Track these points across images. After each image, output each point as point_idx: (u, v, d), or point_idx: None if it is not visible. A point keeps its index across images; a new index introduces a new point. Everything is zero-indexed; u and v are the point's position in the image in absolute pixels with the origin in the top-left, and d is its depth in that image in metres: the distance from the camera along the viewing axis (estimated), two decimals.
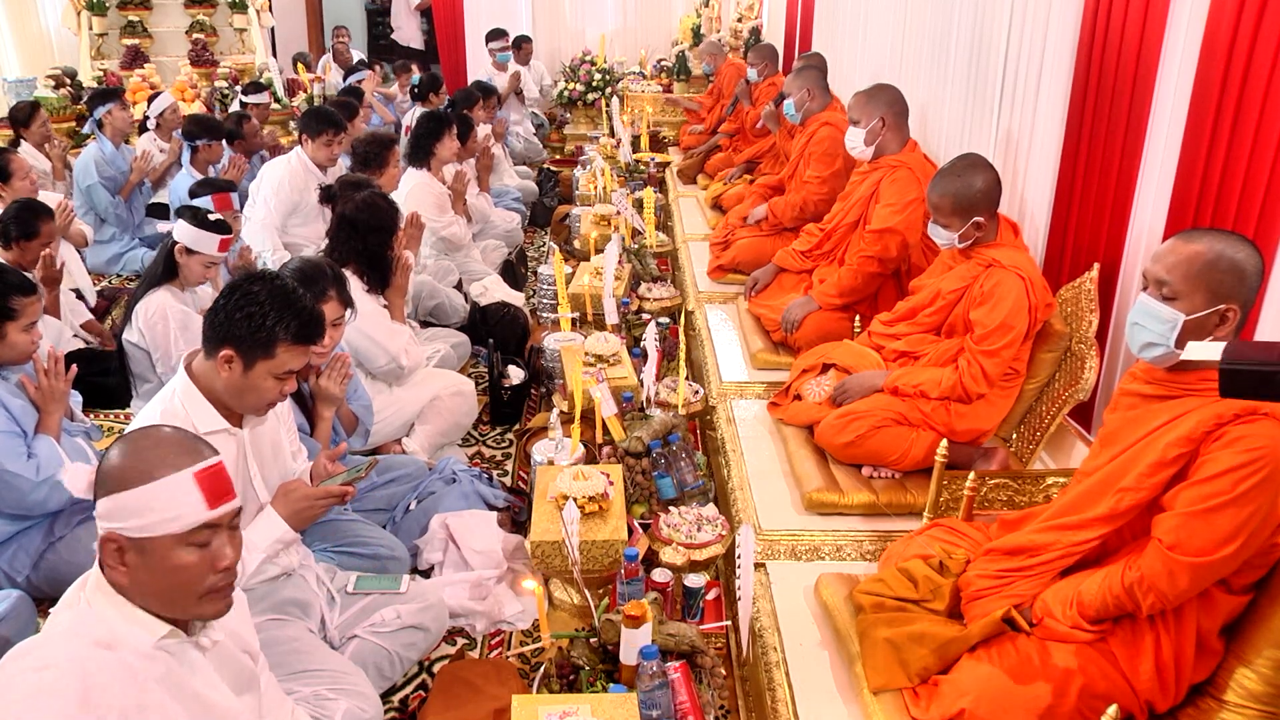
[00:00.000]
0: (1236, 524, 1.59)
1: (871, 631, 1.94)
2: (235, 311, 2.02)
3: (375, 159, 4.36)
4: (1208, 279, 1.70)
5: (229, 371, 2.03)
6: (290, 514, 2.16)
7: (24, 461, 2.51)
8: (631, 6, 9.72)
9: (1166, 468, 1.70)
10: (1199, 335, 1.71)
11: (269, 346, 2.02)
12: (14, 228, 3.62)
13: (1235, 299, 1.70)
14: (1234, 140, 2.09)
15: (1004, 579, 1.90)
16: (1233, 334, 1.73)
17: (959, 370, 2.62)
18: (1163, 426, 1.74)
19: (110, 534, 1.41)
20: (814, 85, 4.29)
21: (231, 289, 2.07)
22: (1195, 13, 2.21)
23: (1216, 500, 1.61)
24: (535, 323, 4.51)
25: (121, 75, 8.09)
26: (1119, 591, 1.70)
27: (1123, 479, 1.77)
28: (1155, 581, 1.66)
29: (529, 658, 2.54)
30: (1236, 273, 1.69)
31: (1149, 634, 1.72)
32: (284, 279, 2.14)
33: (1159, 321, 1.75)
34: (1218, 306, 1.70)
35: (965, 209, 2.63)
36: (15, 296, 2.64)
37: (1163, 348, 1.75)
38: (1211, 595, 1.69)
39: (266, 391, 2.07)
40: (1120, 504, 1.76)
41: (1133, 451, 1.78)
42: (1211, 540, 1.61)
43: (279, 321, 2.02)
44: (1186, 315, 1.72)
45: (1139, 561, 1.69)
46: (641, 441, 2.65)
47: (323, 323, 2.17)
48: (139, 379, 3.42)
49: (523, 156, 7.79)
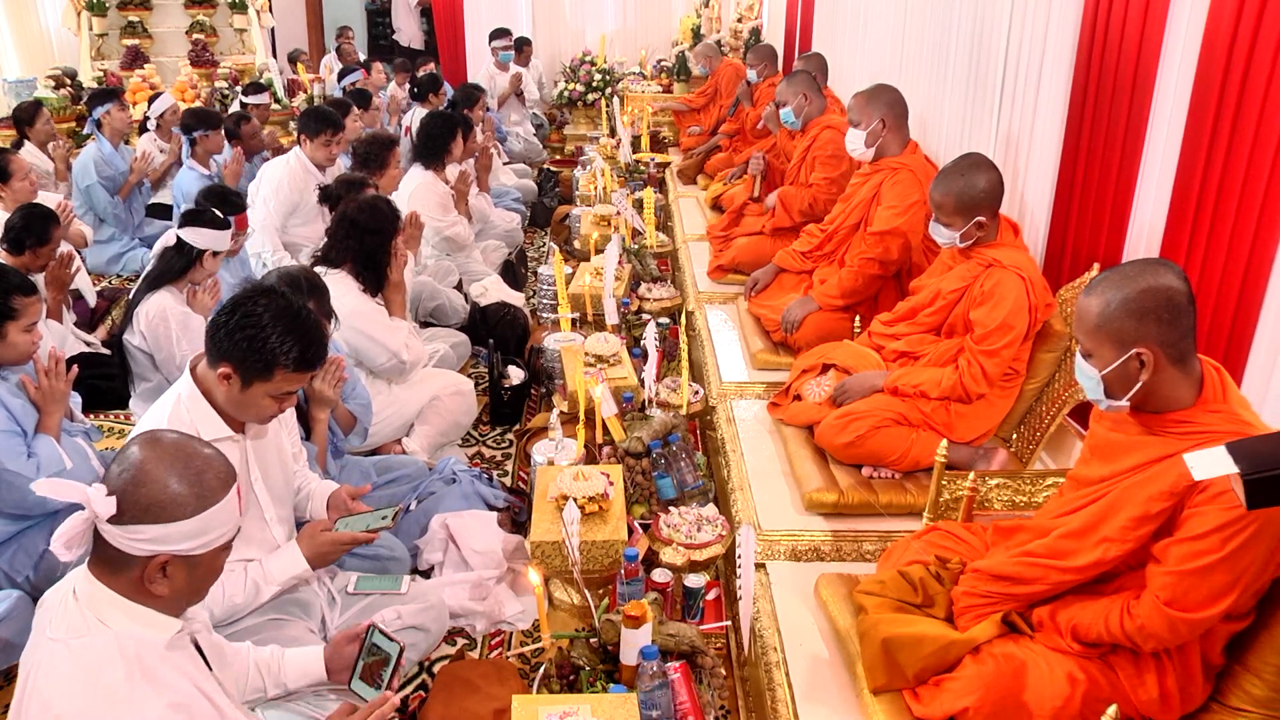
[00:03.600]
0: (1231, 579, 1.56)
1: (872, 632, 1.94)
2: (236, 331, 1.99)
3: (375, 159, 4.36)
4: (1106, 332, 1.68)
5: (227, 387, 2.03)
6: (313, 554, 2.19)
7: (24, 461, 2.50)
8: (631, 6, 9.72)
9: (1151, 521, 1.65)
10: (1125, 384, 1.68)
11: (268, 370, 2.01)
12: (28, 235, 3.62)
13: (1144, 340, 1.64)
14: (1234, 140, 2.09)
15: (990, 599, 1.87)
16: (1174, 366, 1.65)
17: (959, 370, 2.62)
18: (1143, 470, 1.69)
19: (162, 556, 1.42)
20: (808, 89, 4.29)
21: (235, 305, 2.03)
22: (1195, 13, 2.21)
23: (1208, 559, 1.56)
24: (535, 323, 4.51)
25: (121, 75, 8.09)
26: (1118, 635, 1.67)
27: (1105, 527, 1.72)
28: (1155, 630, 1.62)
29: (529, 658, 2.54)
30: (1134, 315, 1.64)
31: (1153, 663, 1.70)
32: (290, 297, 2.10)
33: (1086, 378, 1.75)
34: (1128, 354, 1.66)
35: (967, 208, 2.63)
36: (16, 296, 2.64)
37: (1103, 402, 1.75)
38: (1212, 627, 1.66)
39: (264, 409, 2.07)
40: (1107, 554, 1.71)
41: (1116, 495, 1.73)
42: (1208, 595, 1.57)
43: (279, 346, 1.99)
44: (1101, 371, 1.70)
45: (1138, 610, 1.65)
46: (641, 442, 2.66)
47: (324, 348, 2.13)
48: (138, 378, 3.42)
49: (523, 157, 7.78)
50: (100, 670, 1.39)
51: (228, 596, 2.08)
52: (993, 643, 1.82)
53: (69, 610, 1.44)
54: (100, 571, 1.45)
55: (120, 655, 1.40)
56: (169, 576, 1.45)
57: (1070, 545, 1.78)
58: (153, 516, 1.40)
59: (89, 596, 1.44)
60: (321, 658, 1.96)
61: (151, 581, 1.44)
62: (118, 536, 1.40)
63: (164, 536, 1.41)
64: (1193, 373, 1.68)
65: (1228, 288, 2.14)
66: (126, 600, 1.45)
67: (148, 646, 1.44)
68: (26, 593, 2.45)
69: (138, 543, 1.40)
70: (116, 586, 1.45)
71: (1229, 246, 2.13)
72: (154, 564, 1.43)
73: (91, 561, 1.46)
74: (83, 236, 4.95)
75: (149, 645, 1.44)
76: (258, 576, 2.12)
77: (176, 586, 1.47)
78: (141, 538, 1.40)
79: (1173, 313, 1.63)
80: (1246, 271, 2.09)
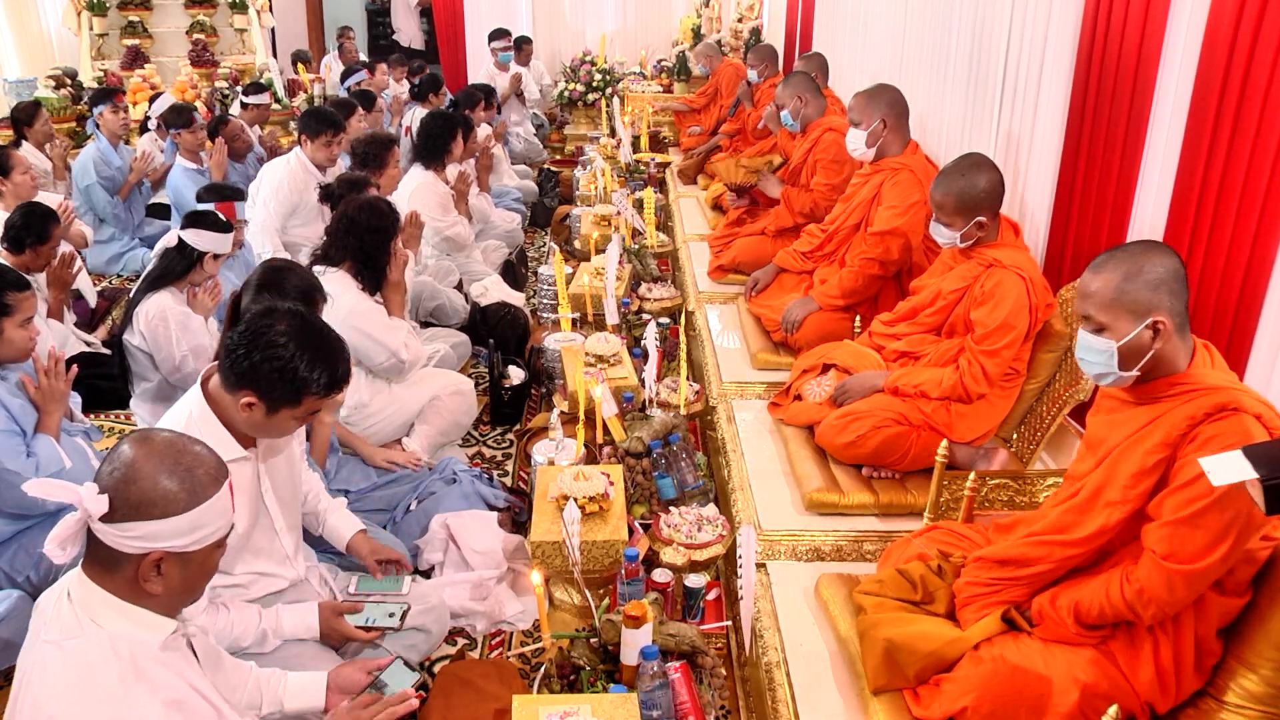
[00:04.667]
0: (1223, 524, 1.60)
1: (872, 632, 1.94)
2: (263, 363, 1.90)
3: (374, 159, 4.35)
4: (1124, 303, 1.74)
5: (249, 413, 1.96)
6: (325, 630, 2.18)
7: (23, 460, 2.50)
8: (631, 6, 9.73)
9: (1148, 475, 1.71)
10: (1138, 354, 1.75)
11: (296, 398, 1.96)
12: (28, 233, 3.62)
13: (1159, 309, 1.72)
14: (1234, 140, 2.09)
15: (994, 587, 1.90)
16: (1177, 335, 1.73)
17: (959, 370, 2.62)
18: (1141, 432, 1.75)
19: (155, 553, 1.42)
20: (805, 91, 4.28)
21: (254, 331, 1.94)
22: (1195, 13, 2.21)
23: (1200, 504, 1.61)
24: (535, 323, 4.51)
25: (122, 75, 8.08)
26: (1119, 604, 1.70)
27: (1108, 491, 1.77)
28: (1155, 593, 1.66)
29: (529, 658, 2.54)
30: (1150, 286, 1.73)
31: (1148, 640, 1.72)
32: (307, 316, 2.03)
33: (1098, 353, 1.79)
34: (1145, 323, 1.73)
35: (968, 208, 2.63)
36: (10, 292, 2.63)
37: (1112, 375, 1.79)
38: (1206, 599, 1.69)
39: (288, 430, 2.05)
40: (1110, 518, 1.76)
41: (1115, 459, 1.78)
42: (1203, 544, 1.61)
43: (309, 374, 1.93)
44: (1118, 342, 1.75)
45: (1136, 574, 1.69)
46: (642, 442, 2.66)
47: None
48: (138, 378, 3.42)
49: (523, 157, 7.79)
50: (93, 671, 1.39)
51: (235, 636, 2.06)
52: (991, 641, 1.83)
53: (63, 612, 1.44)
54: (94, 572, 1.45)
55: (114, 655, 1.40)
56: (163, 574, 1.45)
57: (1072, 518, 1.83)
58: (144, 513, 1.40)
59: (83, 598, 1.44)
60: (324, 685, 1.95)
61: (146, 580, 1.44)
62: (111, 535, 1.40)
63: (156, 533, 1.41)
64: (1188, 342, 1.77)
65: (1228, 288, 2.15)
66: (121, 601, 1.45)
67: (141, 646, 1.44)
68: (27, 593, 2.45)
69: (130, 540, 1.40)
70: (111, 587, 1.45)
71: (1229, 247, 2.13)
72: (148, 561, 1.42)
73: (85, 562, 1.46)
74: (83, 237, 4.95)
75: (143, 645, 1.44)
76: (270, 627, 2.11)
77: (171, 584, 1.47)
78: (133, 535, 1.40)
79: (1180, 284, 1.74)
80: (1247, 272, 2.10)
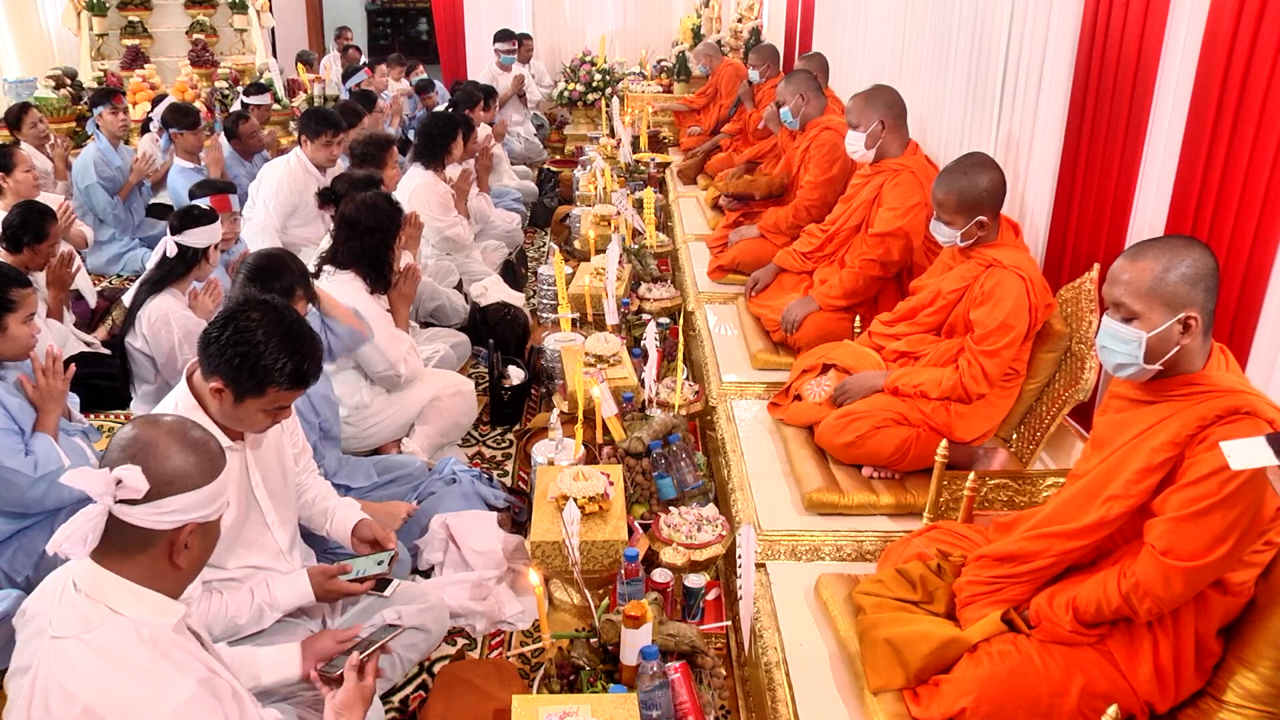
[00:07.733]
0: (1226, 524, 1.60)
1: (871, 632, 1.94)
2: (229, 347, 1.95)
3: (373, 159, 4.35)
4: (1160, 294, 1.72)
5: (219, 400, 2.01)
6: (320, 593, 2.18)
7: (21, 458, 2.50)
8: (631, 6, 9.73)
9: (1154, 473, 1.71)
10: (1165, 347, 1.73)
11: (260, 388, 1.98)
12: (25, 231, 3.62)
13: (1192, 305, 1.70)
14: (1234, 140, 2.09)
15: (995, 585, 1.90)
16: (1201, 336, 1.73)
17: (959, 370, 2.62)
18: (1149, 430, 1.75)
19: (190, 525, 1.47)
20: (806, 89, 4.28)
21: (228, 319, 1.99)
22: (1195, 13, 2.21)
23: (1205, 503, 1.61)
24: (535, 323, 4.51)
25: (122, 75, 8.08)
26: (1115, 598, 1.71)
27: (1111, 485, 1.77)
28: (1151, 587, 1.66)
29: (529, 658, 2.54)
30: (1188, 281, 1.70)
31: (1147, 638, 1.73)
32: (283, 310, 2.06)
33: (1124, 342, 1.76)
34: (1177, 317, 1.71)
35: (969, 207, 2.63)
36: (12, 288, 2.64)
37: (1134, 366, 1.77)
38: (1206, 597, 1.69)
39: (257, 423, 2.06)
40: (1110, 512, 1.76)
41: (1120, 455, 1.78)
42: (1203, 543, 1.61)
43: (273, 364, 1.96)
44: (1148, 333, 1.73)
45: (1134, 568, 1.69)
46: (642, 442, 2.66)
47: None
48: (139, 380, 3.42)
49: (523, 157, 7.79)
50: (125, 656, 1.41)
51: (230, 616, 2.07)
52: (990, 641, 1.83)
53: (74, 605, 1.44)
54: (111, 559, 1.46)
55: (139, 640, 1.43)
56: (189, 547, 1.50)
57: (1072, 510, 1.83)
58: (178, 487, 1.45)
59: (95, 588, 1.45)
60: (298, 654, 1.97)
61: (177, 554, 1.48)
62: (142, 515, 1.42)
63: (188, 505, 1.46)
64: (1208, 344, 1.77)
65: (1228, 288, 2.14)
66: (137, 585, 1.46)
67: (160, 630, 1.47)
68: (27, 592, 2.44)
69: (165, 516, 1.44)
70: (128, 571, 1.46)
71: (1229, 247, 2.13)
72: (182, 535, 1.47)
73: (99, 551, 1.46)
74: (83, 237, 4.95)
75: (161, 629, 1.47)
76: (264, 601, 2.11)
77: (193, 556, 1.52)
78: (168, 510, 1.44)
79: (1215, 283, 1.73)
80: (1246, 272, 2.10)
